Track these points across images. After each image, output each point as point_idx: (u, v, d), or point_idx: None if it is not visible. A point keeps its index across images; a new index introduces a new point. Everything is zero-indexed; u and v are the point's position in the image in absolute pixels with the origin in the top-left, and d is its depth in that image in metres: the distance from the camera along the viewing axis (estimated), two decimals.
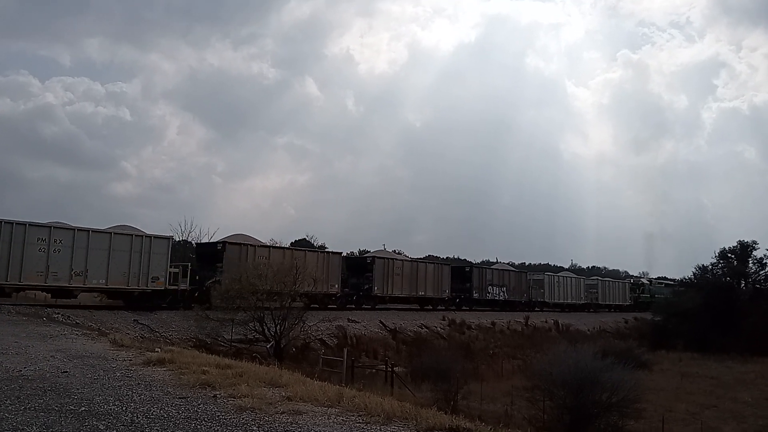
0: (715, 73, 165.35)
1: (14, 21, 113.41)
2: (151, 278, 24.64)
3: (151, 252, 24.69)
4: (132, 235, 24.86)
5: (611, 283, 61.47)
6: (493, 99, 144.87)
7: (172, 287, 25.52)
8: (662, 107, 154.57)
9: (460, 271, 42.43)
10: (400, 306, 36.64)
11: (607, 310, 56.51)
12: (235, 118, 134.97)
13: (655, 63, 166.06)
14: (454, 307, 39.83)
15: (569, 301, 51.48)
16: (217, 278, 25.78)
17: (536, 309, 47.05)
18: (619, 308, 58.82)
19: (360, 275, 34.55)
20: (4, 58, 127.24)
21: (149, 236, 25.18)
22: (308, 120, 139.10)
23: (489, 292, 42.82)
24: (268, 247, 31.15)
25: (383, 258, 36.21)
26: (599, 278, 62.48)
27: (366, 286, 34.18)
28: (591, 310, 53.90)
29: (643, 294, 64.48)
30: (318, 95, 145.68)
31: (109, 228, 25.25)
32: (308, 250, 33.50)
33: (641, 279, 72.66)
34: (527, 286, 47.59)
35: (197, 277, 27.04)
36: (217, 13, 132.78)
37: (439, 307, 38.66)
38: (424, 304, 38.27)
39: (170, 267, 25.61)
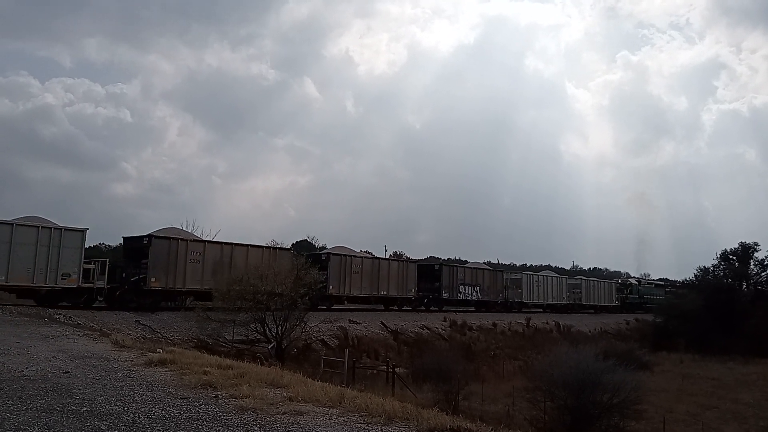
0: (715, 74, 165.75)
1: (12, 21, 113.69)
2: (62, 275, 22.58)
3: (62, 246, 22.58)
4: (38, 226, 22.65)
5: (596, 283, 59.06)
6: (492, 100, 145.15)
7: (87, 285, 23.72)
8: (662, 109, 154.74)
9: (429, 270, 39.93)
10: (360, 306, 34.00)
11: (592, 311, 54.36)
12: (235, 119, 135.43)
13: (654, 64, 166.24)
14: (423, 308, 37.99)
15: (550, 301, 49.22)
16: (142, 275, 24.60)
17: (514, 310, 44.77)
18: (605, 309, 56.43)
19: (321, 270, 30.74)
20: (3, 58, 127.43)
21: (59, 228, 23.07)
22: (308, 121, 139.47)
23: (460, 292, 40.46)
24: (203, 242, 28.14)
25: (339, 255, 33.45)
26: (583, 278, 59.97)
27: (320, 285, 30.23)
28: (574, 311, 51.67)
29: (631, 295, 62.91)
30: (317, 96, 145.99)
31: (14, 219, 23.22)
32: (251, 246, 28.80)
33: (629, 279, 70.28)
34: (503, 285, 45.30)
35: (123, 274, 25.72)
36: (213, 12, 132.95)
37: (405, 308, 36.49)
38: (388, 304, 36.05)
39: (85, 263, 23.67)
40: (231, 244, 28.03)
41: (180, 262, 25.58)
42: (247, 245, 28.59)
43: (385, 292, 34.79)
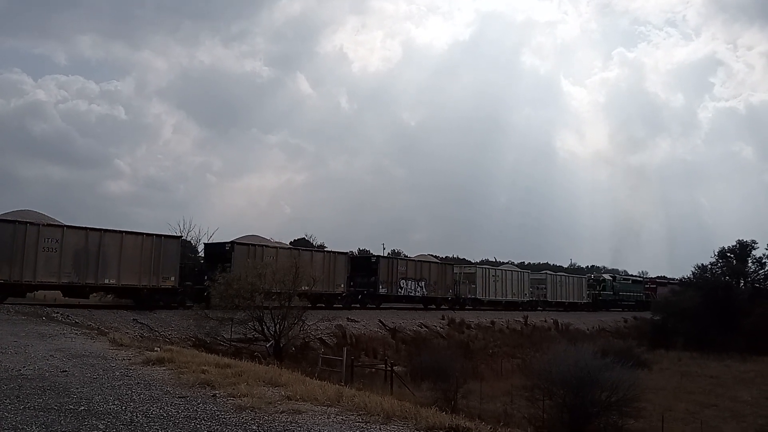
0: (711, 71, 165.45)
1: (6, 17, 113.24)
2: None
3: None
4: None
5: (565, 278, 54.69)
6: (488, 97, 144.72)
7: None
8: (659, 106, 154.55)
9: (364, 263, 36.29)
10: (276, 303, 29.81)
11: (561, 309, 50.48)
12: (228, 116, 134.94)
13: (651, 61, 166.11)
14: (358, 305, 34.03)
15: (509, 297, 45.25)
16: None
17: (468, 307, 41.13)
18: (573, 307, 52.17)
19: (215, 267, 26.25)
20: None
21: None
22: (301, 118, 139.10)
23: (401, 287, 36.38)
24: (61, 227, 23.71)
25: (246, 244, 29.30)
26: (550, 273, 55.34)
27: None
28: (539, 308, 48.04)
29: (605, 291, 58.91)
30: (311, 93, 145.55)
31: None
32: (126, 233, 24.96)
33: (603, 275, 65.34)
34: (453, 280, 41.14)
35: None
36: (206, 9, 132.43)
37: (335, 306, 32.11)
38: (313, 301, 30.89)
39: None
40: (100, 230, 23.89)
41: (29, 250, 21.82)
42: (122, 232, 24.73)
43: (307, 287, 28.94)
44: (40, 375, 8.21)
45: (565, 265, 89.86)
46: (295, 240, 54.20)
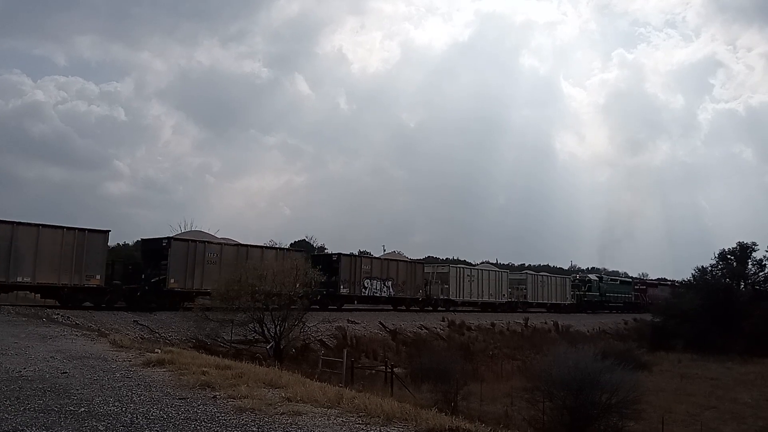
0: (711, 72, 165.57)
1: (5, 18, 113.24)
2: None
3: None
4: None
5: (547, 278, 52.33)
6: (487, 98, 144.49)
7: None
8: (658, 107, 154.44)
9: (325, 261, 33.26)
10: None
11: (544, 310, 48.84)
12: (227, 118, 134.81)
13: (650, 62, 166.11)
14: (317, 306, 30.26)
15: (486, 298, 43.17)
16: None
17: (440, 308, 39.13)
18: (556, 308, 50.28)
19: (155, 264, 25.64)
20: None
21: None
22: (300, 119, 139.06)
23: (366, 287, 34.15)
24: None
25: (186, 240, 26.85)
26: (530, 272, 53.32)
27: (155, 279, 25.46)
28: (519, 309, 45.83)
29: (590, 292, 56.81)
30: (309, 94, 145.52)
31: None
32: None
33: (588, 275, 63.46)
34: (424, 280, 39.06)
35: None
36: (204, 10, 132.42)
37: (292, 307, 30.05)
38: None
39: None
40: (11, 223, 22.21)
41: None
42: (38, 225, 22.81)
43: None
44: (41, 376, 8.22)
45: (566, 267, 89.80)
46: (295, 242, 54.31)
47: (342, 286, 32.96)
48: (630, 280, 71.87)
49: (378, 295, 35.47)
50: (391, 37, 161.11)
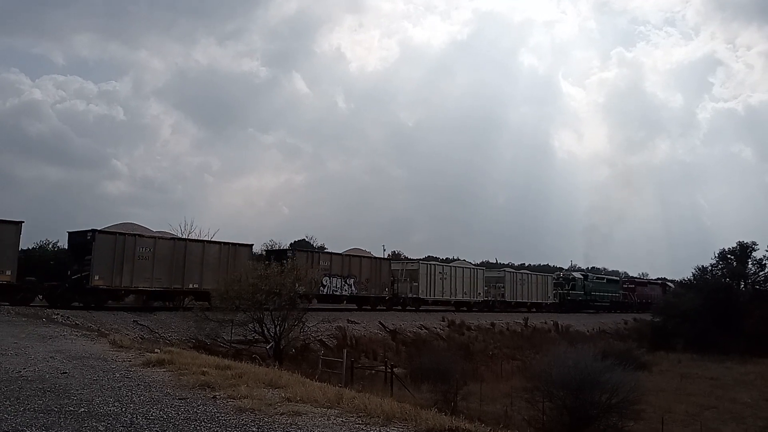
0: (710, 71, 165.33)
1: (2, 16, 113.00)
2: None
3: None
4: None
5: (527, 276, 49.65)
6: (485, 97, 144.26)
7: None
8: (657, 106, 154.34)
9: (279, 257, 30.62)
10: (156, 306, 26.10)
11: (524, 309, 46.57)
12: (225, 116, 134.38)
13: (649, 61, 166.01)
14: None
15: (460, 297, 40.82)
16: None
17: (409, 308, 36.87)
18: (537, 307, 48.29)
19: (80, 259, 23.64)
20: None
21: None
22: (298, 118, 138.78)
23: (324, 285, 31.48)
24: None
25: (113, 233, 24.47)
26: (509, 270, 50.83)
27: (77, 276, 23.49)
28: (496, 309, 43.51)
29: (574, 291, 54.65)
30: (307, 92, 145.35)
31: None
32: None
33: (572, 272, 60.54)
34: (391, 278, 36.60)
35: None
36: (199, 6, 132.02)
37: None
38: (199, 299, 26.33)
39: None
40: None
41: None
42: None
43: (195, 285, 26.04)
44: (41, 377, 8.22)
45: (566, 267, 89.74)
46: (294, 241, 54.16)
47: (296, 284, 30.55)
48: (617, 278, 69.91)
49: (338, 293, 32.80)
50: (389, 36, 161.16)
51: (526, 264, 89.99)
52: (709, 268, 52.19)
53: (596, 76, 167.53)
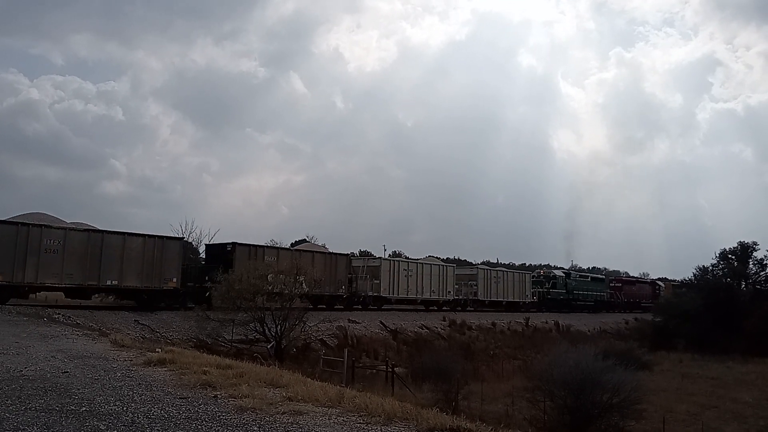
0: (710, 71, 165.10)
1: (1, 17, 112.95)
2: None
3: None
4: None
5: (503, 274, 47.04)
6: (484, 97, 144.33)
7: None
8: (657, 106, 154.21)
9: (217, 252, 29.24)
10: (90, 304, 25.06)
11: (502, 308, 44.39)
12: (223, 117, 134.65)
13: (648, 61, 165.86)
14: (205, 304, 24.76)
15: (426, 296, 38.29)
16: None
17: (371, 307, 34.28)
18: (514, 307, 45.55)
19: None
20: None
21: None
22: (296, 118, 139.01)
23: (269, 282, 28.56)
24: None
25: (15, 224, 22.31)
26: (483, 267, 48.25)
27: None
28: (469, 309, 41.51)
29: (555, 289, 52.36)
30: (305, 92, 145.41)
31: None
32: None
33: (553, 270, 58.26)
34: (349, 275, 33.98)
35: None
36: (196, 6, 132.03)
37: (161, 305, 25.38)
38: (127, 298, 25.83)
39: None
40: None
41: None
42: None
43: (114, 281, 23.97)
44: (42, 376, 8.22)
45: (566, 266, 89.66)
46: (295, 241, 54.09)
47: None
48: (603, 277, 67.96)
49: (286, 291, 28.58)
50: (387, 36, 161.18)
51: (527, 264, 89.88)
52: (710, 268, 52.16)
53: (595, 77, 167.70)
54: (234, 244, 28.63)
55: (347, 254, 36.60)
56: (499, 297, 44.88)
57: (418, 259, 44.50)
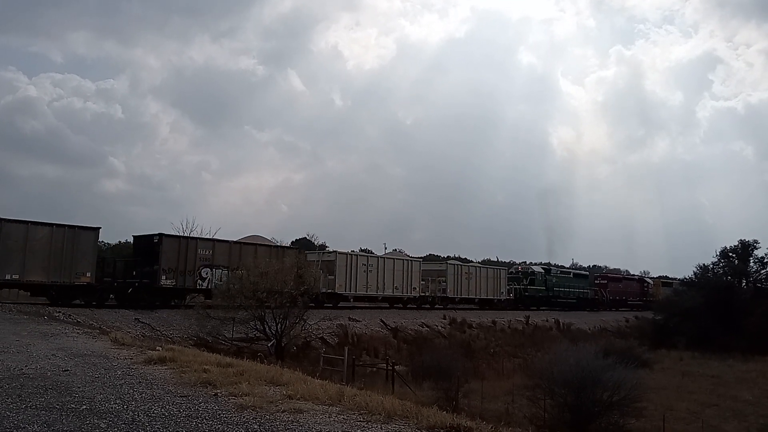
0: (710, 68, 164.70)
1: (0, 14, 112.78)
2: None
3: None
4: None
5: (475, 270, 44.18)
6: (483, 95, 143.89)
7: None
8: (657, 104, 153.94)
9: (144, 244, 26.57)
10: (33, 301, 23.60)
11: (475, 306, 42.51)
12: (221, 114, 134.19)
13: (648, 59, 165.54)
14: (133, 303, 24.56)
15: (388, 292, 35.74)
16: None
17: (326, 305, 30.80)
18: (488, 304, 43.30)
19: None
20: None
21: None
22: (295, 116, 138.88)
23: (204, 278, 26.65)
24: None
25: None
26: (454, 263, 45.19)
27: None
28: (437, 306, 39.25)
29: (533, 286, 49.71)
30: (303, 90, 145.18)
31: None
32: None
33: (532, 266, 55.95)
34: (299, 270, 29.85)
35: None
36: (193, 4, 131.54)
37: (76, 302, 23.38)
38: (36, 293, 23.70)
39: None
40: None
41: None
42: None
43: (15, 276, 22.08)
44: (42, 374, 8.23)
45: (567, 265, 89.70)
46: (296, 240, 54.15)
47: (164, 277, 25.43)
48: (587, 273, 64.79)
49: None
50: (386, 34, 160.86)
51: (528, 262, 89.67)
52: (711, 266, 52.09)
53: (595, 74, 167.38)
54: (161, 235, 26.19)
55: (297, 247, 33.10)
56: (471, 294, 42.30)
57: (386, 253, 41.82)
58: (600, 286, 60.04)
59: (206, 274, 26.75)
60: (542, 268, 55.37)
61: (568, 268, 63.64)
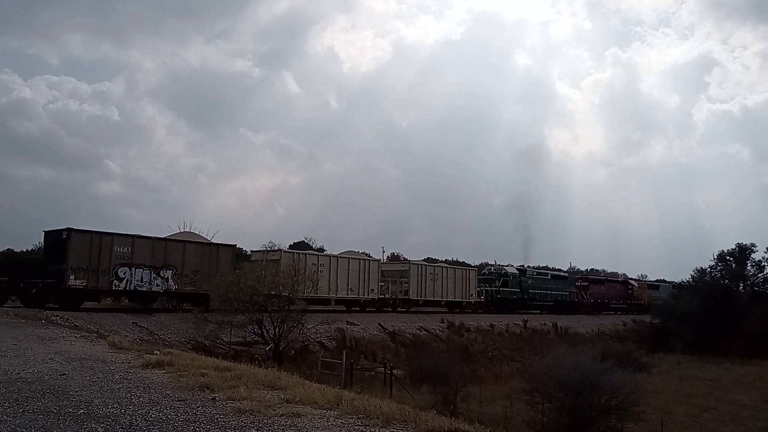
0: (706, 71, 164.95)
1: None
2: None
3: None
4: None
5: (442, 270, 41.48)
6: (478, 97, 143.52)
7: None
8: (653, 106, 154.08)
9: (52, 240, 24.50)
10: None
11: (444, 309, 40.15)
12: (216, 116, 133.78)
13: (644, 61, 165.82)
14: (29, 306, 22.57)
15: (342, 294, 33.53)
16: None
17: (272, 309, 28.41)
18: (457, 307, 40.92)
19: None
20: None
21: None
22: (290, 118, 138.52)
23: (121, 278, 24.41)
24: None
25: None
26: (417, 263, 41.42)
27: None
28: (400, 309, 37.09)
29: (506, 288, 47.64)
30: (299, 92, 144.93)
31: None
32: None
33: (505, 267, 52.72)
34: (237, 270, 26.89)
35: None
36: (188, 5, 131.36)
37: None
38: None
39: None
40: None
41: None
42: None
43: None
44: (40, 378, 8.22)
45: (564, 268, 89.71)
46: (294, 243, 54.09)
47: (72, 277, 23.16)
48: (566, 275, 62.66)
49: (145, 289, 25.22)
50: (382, 36, 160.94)
51: (525, 266, 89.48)
52: (708, 269, 52.26)
53: (591, 77, 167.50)
54: (69, 230, 23.59)
55: (233, 245, 29.86)
56: (437, 296, 39.80)
57: (339, 253, 38.24)
58: (581, 288, 58.33)
59: (124, 274, 24.45)
60: (517, 269, 53.06)
61: (545, 270, 61.32)
